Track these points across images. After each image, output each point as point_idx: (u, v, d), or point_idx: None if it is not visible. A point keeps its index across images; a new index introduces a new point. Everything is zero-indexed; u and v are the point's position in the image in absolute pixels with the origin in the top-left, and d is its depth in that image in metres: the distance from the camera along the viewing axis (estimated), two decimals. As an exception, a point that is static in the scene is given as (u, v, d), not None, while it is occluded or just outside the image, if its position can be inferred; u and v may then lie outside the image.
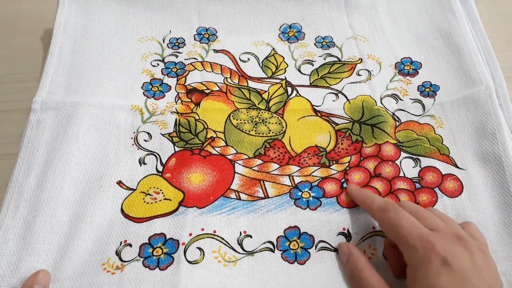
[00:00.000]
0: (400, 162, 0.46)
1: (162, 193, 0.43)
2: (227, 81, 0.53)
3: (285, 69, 0.54)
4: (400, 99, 0.51)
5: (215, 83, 0.52)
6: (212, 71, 0.53)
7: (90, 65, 0.52)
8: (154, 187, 0.44)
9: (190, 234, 0.41)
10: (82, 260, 0.39)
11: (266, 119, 0.49)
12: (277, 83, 0.53)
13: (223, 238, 0.41)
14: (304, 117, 0.50)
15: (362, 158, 0.47)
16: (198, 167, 0.45)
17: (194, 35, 0.57)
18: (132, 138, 0.47)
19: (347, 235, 0.42)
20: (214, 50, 0.55)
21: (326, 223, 0.42)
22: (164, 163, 0.45)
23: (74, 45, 0.53)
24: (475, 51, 0.53)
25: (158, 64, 0.53)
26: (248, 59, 0.55)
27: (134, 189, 0.44)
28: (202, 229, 0.41)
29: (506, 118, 0.48)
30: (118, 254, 0.40)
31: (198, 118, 0.49)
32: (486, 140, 0.46)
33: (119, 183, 0.44)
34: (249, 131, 0.48)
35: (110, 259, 0.39)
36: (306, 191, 0.44)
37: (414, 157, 0.47)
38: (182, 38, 0.56)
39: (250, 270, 0.40)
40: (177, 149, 0.47)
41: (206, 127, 0.48)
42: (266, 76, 0.53)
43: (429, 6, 0.59)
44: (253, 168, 0.46)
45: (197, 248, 0.40)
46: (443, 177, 0.45)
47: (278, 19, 0.59)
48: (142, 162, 0.45)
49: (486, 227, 0.42)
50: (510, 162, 0.44)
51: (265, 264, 0.40)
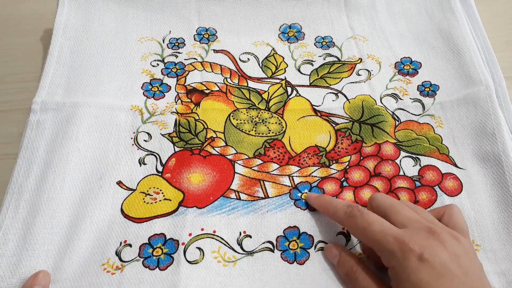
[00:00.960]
0: (400, 161, 0.46)
1: (162, 193, 0.43)
2: (227, 81, 0.53)
3: (285, 69, 0.54)
4: (400, 99, 0.51)
5: (215, 83, 0.52)
6: (212, 71, 0.53)
7: (90, 66, 0.52)
8: (154, 187, 0.44)
9: (190, 234, 0.41)
10: (82, 261, 0.39)
11: (266, 119, 0.49)
12: (277, 83, 0.53)
13: (223, 238, 0.41)
14: (304, 117, 0.50)
15: (362, 158, 0.47)
16: (198, 167, 0.45)
17: (194, 35, 0.57)
18: (132, 138, 0.47)
19: (347, 235, 0.42)
20: (214, 50, 0.55)
21: (326, 223, 0.42)
22: (164, 163, 0.45)
23: (74, 46, 0.53)
24: (475, 51, 0.53)
25: (158, 64, 0.53)
26: (248, 59, 0.55)
27: (134, 189, 0.44)
28: (202, 229, 0.42)
29: (506, 118, 0.48)
30: (118, 254, 0.40)
31: (198, 118, 0.49)
32: (486, 140, 0.46)
33: (119, 183, 0.44)
34: (249, 131, 0.48)
35: (110, 259, 0.39)
36: (306, 192, 0.44)
37: (414, 156, 0.47)
38: (182, 38, 0.56)
39: (250, 270, 0.40)
40: (177, 149, 0.47)
41: (206, 127, 0.48)
42: (266, 76, 0.53)
43: (429, 6, 0.59)
44: (253, 168, 0.46)
45: (197, 248, 0.40)
46: (443, 176, 0.45)
47: (278, 19, 0.59)
48: (142, 162, 0.46)
49: (485, 227, 0.42)
50: (510, 162, 0.44)
51: (265, 264, 0.40)
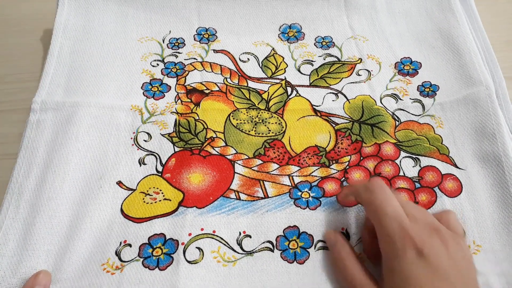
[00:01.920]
0: (400, 162, 0.46)
1: (162, 193, 0.43)
2: (227, 81, 0.53)
3: (285, 69, 0.54)
4: (400, 99, 0.51)
5: (215, 83, 0.52)
6: (212, 71, 0.53)
7: (90, 65, 0.52)
8: (154, 187, 0.44)
9: (190, 234, 0.41)
10: (82, 261, 0.39)
11: (266, 119, 0.49)
12: (277, 83, 0.53)
13: (223, 238, 0.41)
14: (304, 117, 0.50)
15: (362, 158, 0.47)
16: (198, 167, 0.45)
17: (194, 35, 0.57)
18: (132, 138, 0.47)
19: (346, 235, 0.42)
20: (214, 50, 0.55)
21: (326, 223, 0.42)
22: (164, 163, 0.46)
23: (74, 46, 0.53)
24: (475, 51, 0.53)
25: (158, 64, 0.53)
26: (248, 59, 0.55)
27: (134, 189, 0.44)
28: (202, 229, 0.42)
29: (506, 118, 0.48)
30: (118, 254, 0.40)
31: (198, 118, 0.49)
32: (486, 140, 0.46)
33: (119, 183, 0.44)
34: (249, 131, 0.48)
35: (110, 259, 0.39)
36: (306, 191, 0.44)
37: (414, 157, 0.47)
38: (182, 38, 0.56)
39: (250, 270, 0.40)
40: (177, 149, 0.47)
41: (206, 127, 0.48)
42: (266, 76, 0.53)
43: (429, 6, 0.59)
44: (253, 168, 0.46)
45: (197, 248, 0.40)
46: (443, 177, 0.45)
47: (278, 19, 0.59)
48: (142, 162, 0.46)
49: (486, 227, 0.42)
50: (510, 162, 0.44)
51: (265, 264, 0.40)
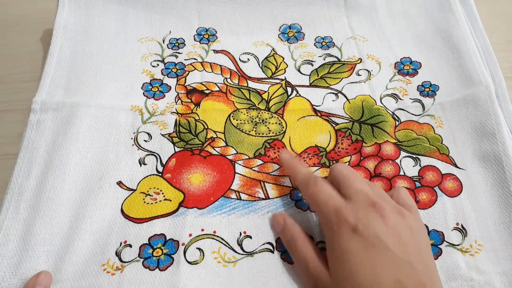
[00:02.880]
0: (400, 161, 0.46)
1: (162, 194, 0.43)
2: (227, 82, 0.53)
3: (285, 69, 0.54)
4: (400, 99, 0.51)
5: (215, 84, 0.52)
6: (212, 72, 0.53)
7: (90, 66, 0.52)
8: (154, 188, 0.44)
9: (190, 235, 0.41)
10: (82, 261, 0.39)
11: (266, 119, 0.49)
12: (277, 83, 0.53)
13: (223, 239, 0.41)
14: (304, 117, 0.50)
15: (362, 158, 0.47)
16: (198, 168, 0.45)
17: (194, 36, 0.57)
18: (132, 139, 0.47)
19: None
20: (214, 51, 0.55)
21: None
22: (164, 164, 0.45)
23: (74, 46, 0.53)
24: (475, 51, 0.53)
25: (158, 65, 0.53)
26: (248, 60, 0.55)
27: (134, 190, 0.44)
28: (202, 230, 0.42)
29: (506, 118, 0.48)
30: (118, 255, 0.40)
31: (198, 119, 0.49)
32: (486, 140, 0.46)
33: (119, 184, 0.44)
34: (249, 131, 0.48)
35: (110, 260, 0.39)
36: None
37: (414, 156, 0.47)
38: (182, 39, 0.56)
39: (250, 271, 0.40)
40: (177, 150, 0.47)
41: (206, 128, 0.48)
42: (266, 77, 0.53)
43: (429, 6, 0.59)
44: (253, 169, 0.46)
45: (197, 249, 0.40)
46: (443, 177, 0.45)
47: (278, 20, 0.59)
48: (142, 163, 0.45)
49: (486, 227, 0.42)
50: (510, 162, 0.44)
51: (265, 265, 0.40)
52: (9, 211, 0.40)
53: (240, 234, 0.41)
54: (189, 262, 0.40)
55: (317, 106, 0.51)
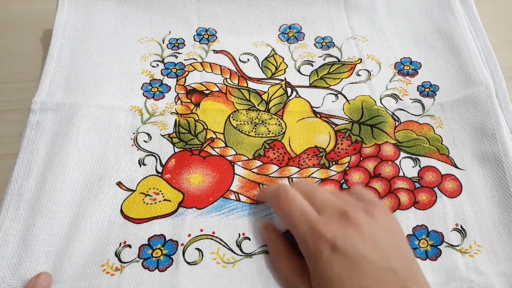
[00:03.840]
0: (400, 162, 0.46)
1: (162, 194, 0.43)
2: (227, 82, 0.53)
3: (285, 70, 0.54)
4: (400, 99, 0.51)
5: (215, 84, 0.52)
6: (212, 72, 0.53)
7: (90, 66, 0.51)
8: (154, 188, 0.44)
9: (189, 235, 0.41)
10: (82, 262, 0.39)
11: (266, 120, 0.49)
12: (277, 84, 0.53)
13: (222, 240, 0.41)
14: (304, 119, 0.50)
15: (362, 159, 0.47)
16: (198, 168, 0.45)
17: (194, 36, 0.57)
18: (132, 139, 0.47)
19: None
20: (214, 51, 0.55)
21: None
22: (164, 164, 0.45)
23: (74, 46, 0.53)
24: (475, 51, 0.53)
25: (158, 65, 0.53)
26: (248, 60, 0.55)
27: (134, 190, 0.44)
28: (201, 230, 0.42)
29: (506, 118, 0.48)
30: (118, 255, 0.40)
31: (198, 119, 0.49)
32: (486, 140, 0.46)
33: (119, 184, 0.44)
34: (249, 132, 0.48)
35: (110, 260, 0.39)
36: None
37: (414, 157, 0.47)
38: (182, 39, 0.56)
39: (249, 272, 0.40)
40: (177, 150, 0.47)
41: (206, 128, 0.48)
42: (266, 77, 0.53)
43: (429, 6, 0.59)
44: (253, 170, 0.46)
45: (196, 249, 0.40)
46: (443, 177, 0.45)
47: (278, 20, 0.58)
48: (142, 163, 0.45)
49: (486, 227, 0.42)
50: (510, 162, 0.44)
51: (264, 266, 0.40)
52: (9, 212, 0.40)
53: (239, 236, 0.42)
54: (188, 263, 0.40)
55: (317, 108, 0.51)
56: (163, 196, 0.43)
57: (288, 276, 0.37)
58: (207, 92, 0.51)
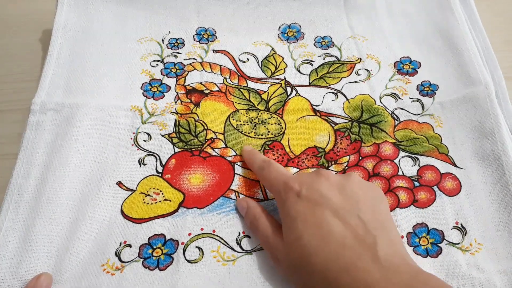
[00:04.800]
0: (399, 161, 0.46)
1: (162, 194, 0.43)
2: (227, 81, 0.53)
3: (285, 69, 0.54)
4: (399, 98, 0.51)
5: (215, 84, 0.52)
6: (212, 72, 0.53)
7: (89, 66, 0.51)
8: (154, 188, 0.44)
9: (190, 234, 0.41)
10: (82, 262, 0.39)
11: (265, 120, 0.49)
12: (277, 83, 0.53)
13: (222, 238, 0.41)
14: (303, 117, 0.50)
15: (361, 158, 0.47)
16: (198, 169, 0.45)
17: (194, 36, 0.57)
18: (132, 139, 0.47)
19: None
20: (214, 50, 0.55)
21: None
22: (164, 164, 0.46)
23: (73, 46, 0.53)
24: (474, 51, 0.53)
25: (158, 65, 0.53)
26: (248, 59, 0.55)
27: (134, 190, 0.44)
28: (202, 229, 0.42)
29: (505, 118, 0.48)
30: (118, 255, 0.40)
31: (198, 119, 0.49)
32: (485, 140, 0.46)
33: (119, 184, 0.44)
34: (248, 133, 0.48)
35: (110, 260, 0.39)
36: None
37: (413, 156, 0.47)
38: (182, 39, 0.56)
39: (249, 268, 0.40)
40: (177, 150, 0.47)
41: (206, 128, 0.48)
42: (266, 76, 0.53)
43: (429, 6, 0.59)
44: (253, 170, 0.46)
45: (196, 248, 0.40)
46: (442, 176, 0.45)
47: (278, 19, 0.58)
48: (142, 163, 0.46)
49: (486, 226, 0.42)
50: (509, 161, 0.44)
51: (264, 262, 0.40)
52: (9, 212, 0.40)
53: (239, 234, 0.42)
54: (189, 261, 0.40)
55: (317, 106, 0.51)
56: (164, 196, 0.43)
57: (267, 233, 0.38)
58: (207, 92, 0.51)
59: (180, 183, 0.44)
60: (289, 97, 0.51)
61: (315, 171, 0.38)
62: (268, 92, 0.52)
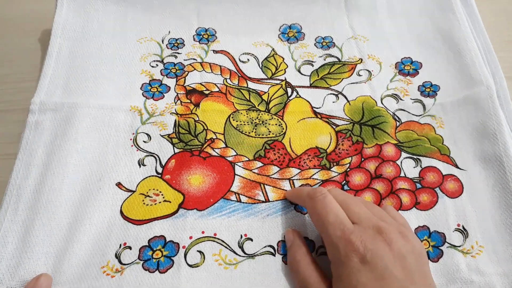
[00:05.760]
0: (401, 162, 0.46)
1: (162, 195, 0.43)
2: (227, 82, 0.52)
3: (285, 70, 0.54)
4: (401, 99, 0.51)
5: (215, 84, 0.52)
6: (212, 72, 0.53)
7: (89, 66, 0.51)
8: (154, 189, 0.44)
9: (191, 237, 0.41)
10: (82, 263, 0.39)
11: (266, 121, 0.49)
12: (277, 84, 0.52)
13: (224, 241, 0.41)
14: (304, 119, 0.50)
15: (363, 159, 0.47)
16: (198, 169, 0.45)
17: (194, 36, 0.56)
18: (131, 139, 0.47)
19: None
20: (214, 51, 0.55)
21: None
22: (164, 165, 0.45)
23: (73, 46, 0.52)
24: (476, 51, 0.53)
25: (157, 65, 0.53)
26: (248, 60, 0.55)
27: (134, 191, 0.44)
28: (203, 232, 0.41)
29: (507, 118, 0.48)
30: (118, 257, 0.39)
31: (198, 119, 0.49)
32: (487, 141, 0.46)
33: (118, 185, 0.44)
34: (249, 133, 0.48)
35: (110, 262, 0.39)
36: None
37: (415, 157, 0.47)
38: (181, 39, 0.56)
39: (251, 273, 0.39)
40: (177, 151, 0.46)
41: (206, 129, 0.48)
42: (266, 77, 0.53)
43: (430, 6, 0.58)
44: (253, 171, 0.45)
45: (198, 252, 0.40)
46: (444, 177, 0.45)
47: (278, 20, 0.58)
48: (142, 164, 0.45)
49: (488, 228, 0.42)
50: (511, 163, 0.44)
51: (266, 267, 0.40)
52: (8, 213, 0.40)
53: (241, 237, 0.41)
54: (190, 265, 0.39)
55: (317, 108, 0.50)
56: (163, 197, 0.43)
57: (307, 280, 0.37)
58: (207, 93, 0.51)
59: (180, 184, 0.44)
60: (290, 99, 0.51)
61: (375, 226, 0.35)
62: (269, 93, 0.51)
